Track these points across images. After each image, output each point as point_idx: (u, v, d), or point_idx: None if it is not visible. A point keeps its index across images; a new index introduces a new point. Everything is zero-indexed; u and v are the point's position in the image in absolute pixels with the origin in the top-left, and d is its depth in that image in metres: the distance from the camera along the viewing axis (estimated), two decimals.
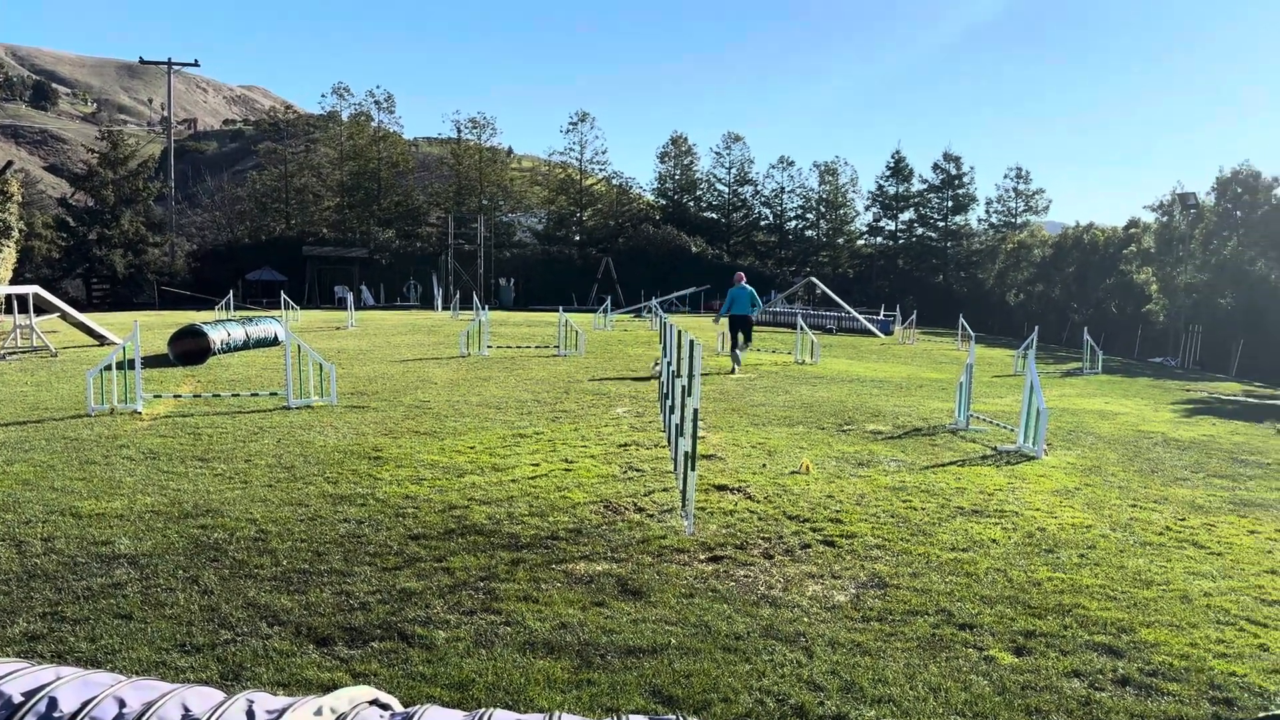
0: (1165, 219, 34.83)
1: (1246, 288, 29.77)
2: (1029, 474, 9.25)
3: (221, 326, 18.42)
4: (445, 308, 40.25)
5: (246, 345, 18.79)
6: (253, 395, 12.45)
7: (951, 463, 9.65)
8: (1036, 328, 20.83)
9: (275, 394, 12.37)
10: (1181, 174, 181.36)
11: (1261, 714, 4.12)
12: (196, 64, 56.11)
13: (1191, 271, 31.92)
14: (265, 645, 4.46)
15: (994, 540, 6.76)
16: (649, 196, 66.39)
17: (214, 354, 16.99)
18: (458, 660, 4.34)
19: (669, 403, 9.63)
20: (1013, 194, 59.05)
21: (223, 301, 32.79)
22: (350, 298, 31.94)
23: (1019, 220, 58.13)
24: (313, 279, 53.06)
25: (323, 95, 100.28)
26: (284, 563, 5.66)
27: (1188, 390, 19.49)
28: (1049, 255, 44.21)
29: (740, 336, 18.33)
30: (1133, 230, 39.07)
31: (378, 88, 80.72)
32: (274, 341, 19.49)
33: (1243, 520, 7.79)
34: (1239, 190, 30.64)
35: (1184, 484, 9.21)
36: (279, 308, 31.72)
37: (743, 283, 18.53)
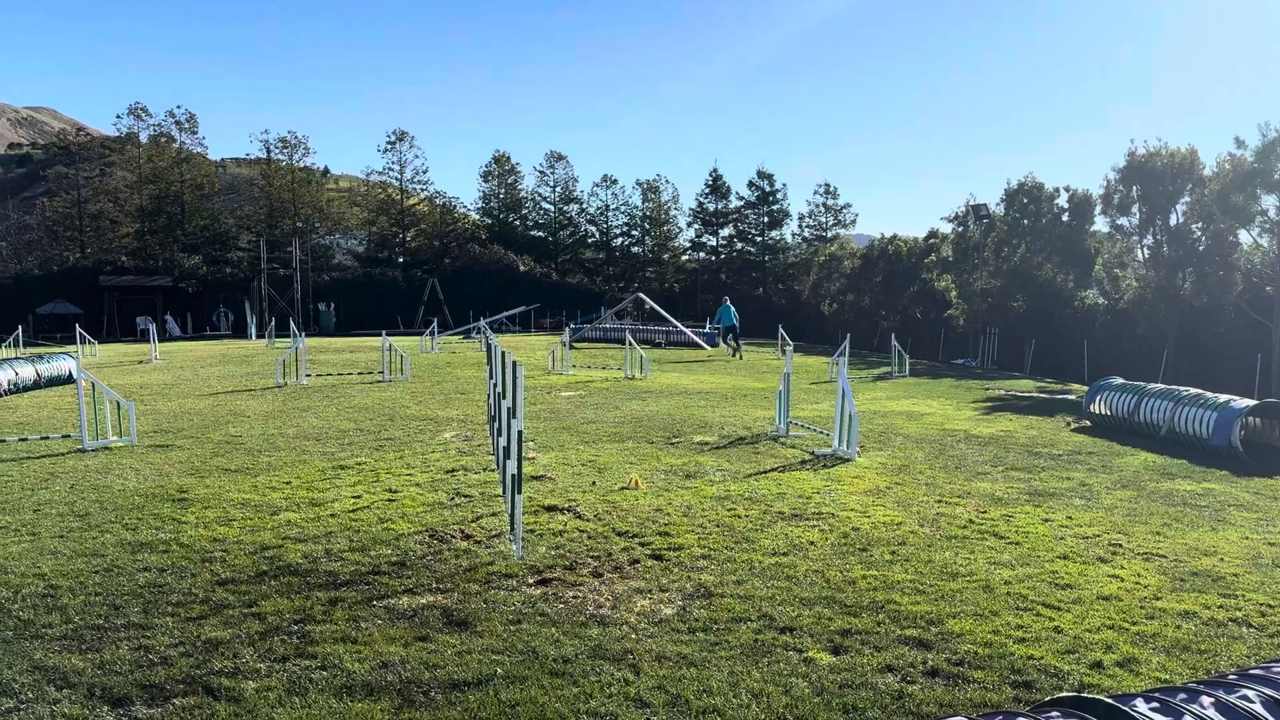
0: (961, 229, 37.26)
1: (1036, 291, 32.25)
2: (844, 476, 9.66)
3: (9, 365, 16.95)
4: (260, 336, 38.45)
5: (37, 385, 17.35)
6: (43, 439, 11.48)
7: (773, 469, 9.96)
8: (848, 335, 21.86)
9: (69, 436, 11.45)
10: (974, 186, 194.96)
11: (1057, 694, 4.42)
12: None
13: (986, 277, 34.31)
14: (53, 711, 4.11)
15: (812, 542, 7.01)
16: (474, 216, 65.64)
17: None
18: (268, 711, 4.11)
19: (496, 425, 9.51)
20: (823, 209, 61.89)
21: (10, 339, 30.22)
22: (154, 329, 30.01)
23: (829, 234, 61.00)
24: (112, 310, 49.56)
25: (118, 116, 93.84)
26: (76, 619, 5.22)
27: (987, 389, 20.89)
28: (858, 266, 46.51)
29: (731, 337, 29.41)
30: (932, 240, 41.66)
31: (179, 107, 76.45)
32: (68, 379, 18.06)
33: (1038, 510, 8.40)
34: (1025, 200, 33.15)
35: (985, 478, 9.85)
36: (74, 343, 29.45)
37: (727, 303, 30.43)
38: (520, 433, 6.56)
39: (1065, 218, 32.65)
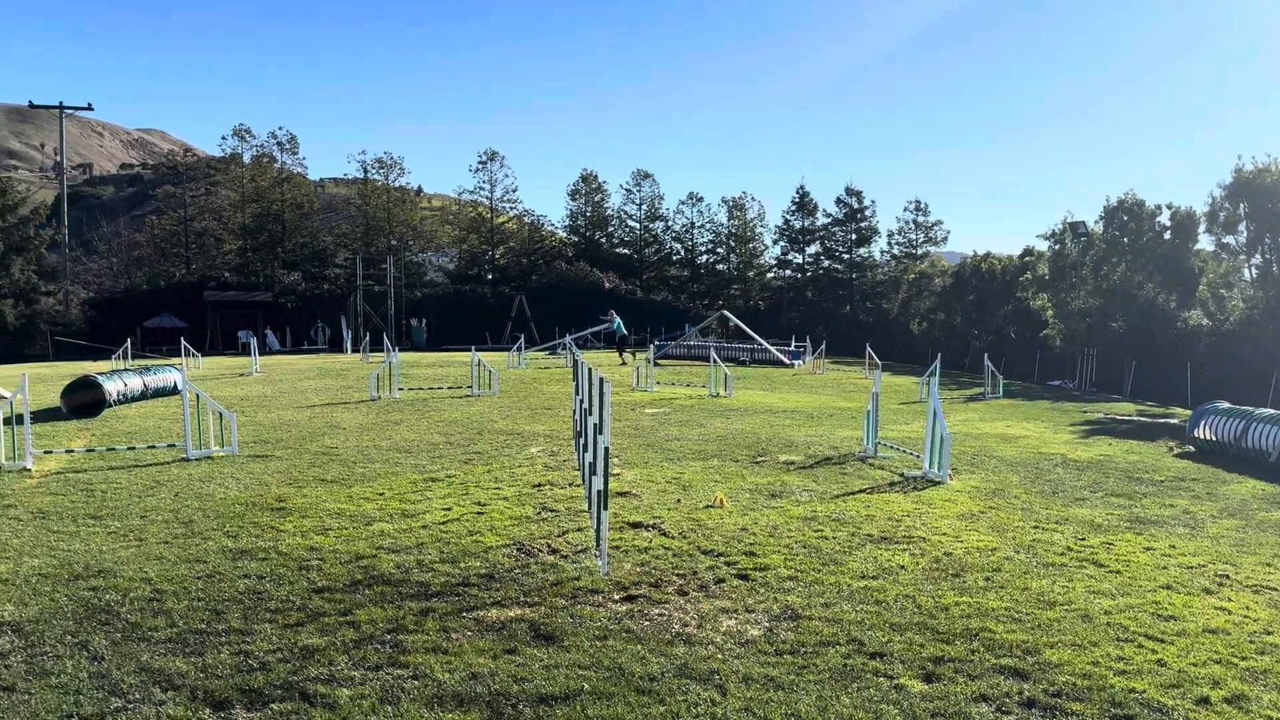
0: (1057, 246, 36.26)
1: (1136, 311, 31.14)
2: (935, 499, 9.45)
3: (118, 377, 17.73)
4: (355, 350, 39.51)
5: (145, 395, 18.12)
6: (150, 448, 11.98)
7: (861, 490, 9.80)
8: (939, 355, 21.40)
9: (174, 445, 11.93)
10: (1071, 204, 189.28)
11: None
12: (90, 108, 54.31)
13: (1084, 296, 33.27)
14: (159, 712, 4.26)
15: (903, 566, 6.87)
16: (561, 233, 66.51)
17: (109, 405, 16.32)
18: (362, 718, 4.20)
19: (582, 441, 9.58)
20: (913, 226, 61.00)
21: (120, 351, 31.61)
22: (254, 342, 31.11)
23: (919, 251, 60.01)
24: (215, 324, 51.54)
25: (223, 137, 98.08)
26: (180, 623, 5.42)
27: (1085, 412, 20.23)
28: (949, 284, 45.60)
29: (620, 346, 30.67)
30: (1028, 258, 40.62)
31: (280, 129, 79.26)
32: (174, 391, 18.83)
33: (1139, 538, 8.08)
34: (1124, 218, 32.11)
35: (1083, 504, 9.52)
36: (180, 355, 30.71)
37: (614, 314, 31.73)
38: (607, 449, 6.59)
39: (1167, 236, 31.52)
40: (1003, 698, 4.57)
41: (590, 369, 8.43)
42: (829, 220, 61.64)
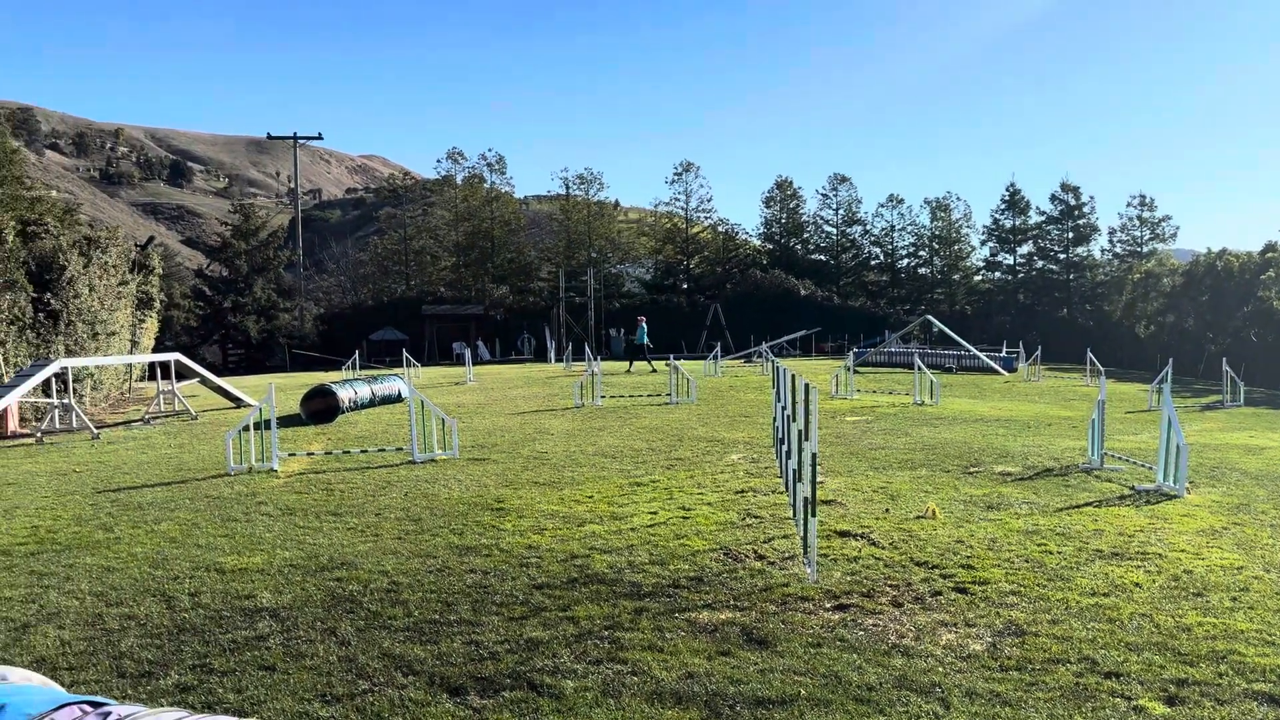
0: None
1: None
2: (1171, 513, 8.78)
3: (349, 385, 19.13)
4: (558, 360, 40.93)
5: (372, 403, 19.47)
6: (380, 450, 12.87)
7: (1087, 504, 9.24)
8: (1170, 360, 19.86)
9: (400, 449, 12.76)
10: None
11: None
12: (320, 137, 59.08)
13: None
14: (401, 695, 4.58)
15: (1137, 584, 6.43)
16: (755, 241, 66.40)
17: (343, 412, 17.66)
18: (587, 710, 4.36)
19: (784, 448, 9.53)
20: (1137, 222, 56.88)
21: (349, 361, 34.08)
22: (468, 353, 32.83)
23: (1145, 249, 55.90)
24: (432, 337, 54.73)
25: (438, 160, 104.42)
26: (416, 613, 5.80)
27: None
28: (1179, 284, 42.16)
29: (638, 356, 31.08)
30: (1270, 255, 37.02)
31: (489, 150, 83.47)
32: (397, 398, 20.15)
33: None
34: None
35: None
36: (401, 365, 32.81)
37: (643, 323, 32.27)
38: (814, 455, 6.54)
39: None
40: None
41: (793, 375, 8.38)
42: (1043, 218, 58.51)
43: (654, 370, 30.10)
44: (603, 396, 20.25)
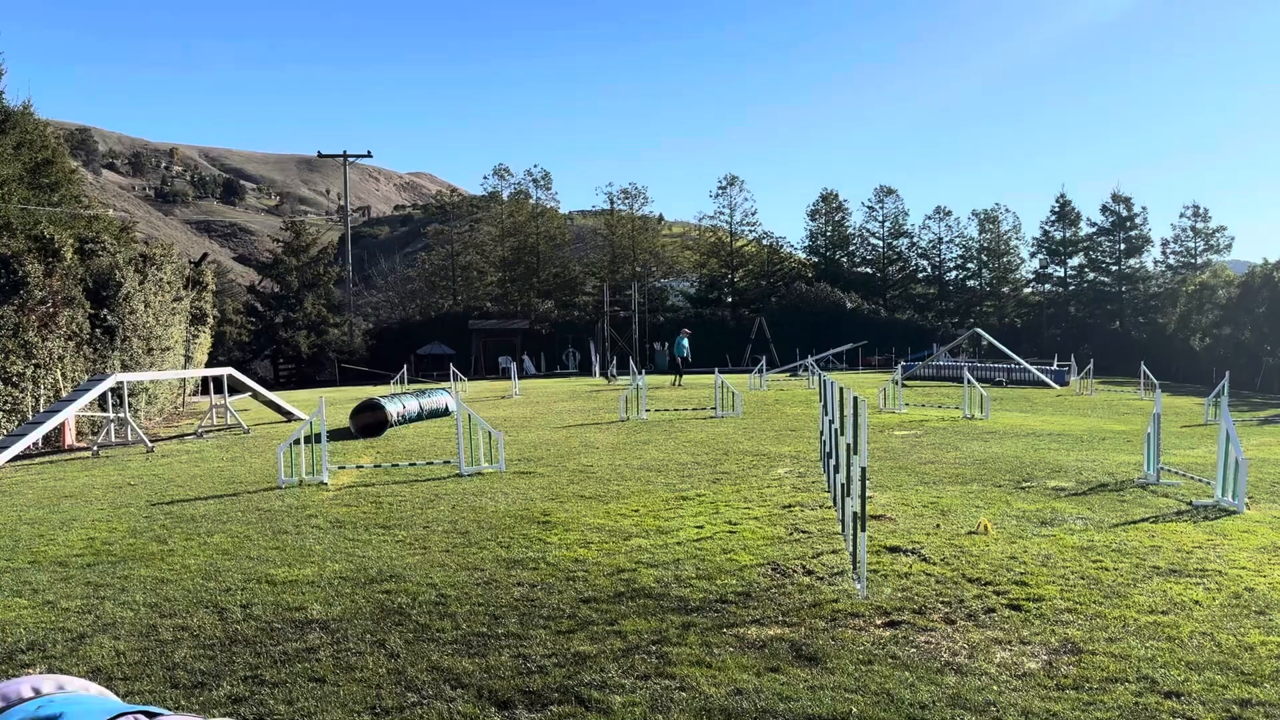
0: None
1: None
2: (1231, 530, 8.54)
3: (397, 400, 19.32)
4: (603, 374, 41.00)
5: (420, 416, 19.65)
6: (428, 464, 12.97)
7: (1144, 519, 9.03)
8: (1227, 373, 19.38)
9: (448, 462, 12.85)
10: None
11: None
12: (369, 155, 59.95)
13: None
14: (450, 709, 4.59)
15: (1197, 602, 6.26)
16: (800, 254, 66.04)
17: (391, 426, 17.84)
18: None
19: (833, 462, 9.44)
20: (1191, 233, 55.67)
21: (397, 376, 34.44)
22: (514, 367, 32.98)
23: (1199, 260, 54.69)
24: (478, 351, 55.14)
25: (484, 177, 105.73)
26: (463, 626, 5.82)
27: None
28: (1236, 296, 41.18)
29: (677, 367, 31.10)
30: None
31: (535, 166, 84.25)
32: (445, 412, 20.31)
33: None
34: None
35: None
36: (448, 380, 33.11)
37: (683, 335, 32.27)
38: (864, 469, 6.47)
39: None
40: None
41: (841, 389, 8.31)
42: (1094, 230, 57.51)
43: (676, 384, 29.94)
44: (647, 410, 20.24)
